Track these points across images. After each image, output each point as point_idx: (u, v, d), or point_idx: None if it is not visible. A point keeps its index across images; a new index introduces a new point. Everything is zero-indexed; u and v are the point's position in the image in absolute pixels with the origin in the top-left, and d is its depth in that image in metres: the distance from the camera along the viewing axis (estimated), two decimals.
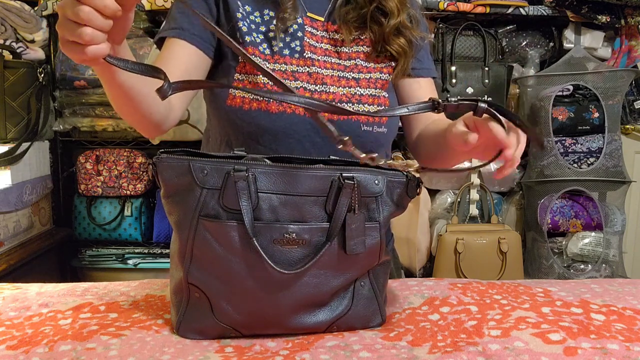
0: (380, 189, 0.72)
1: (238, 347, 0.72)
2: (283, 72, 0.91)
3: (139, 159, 2.05)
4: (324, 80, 0.92)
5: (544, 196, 2.07)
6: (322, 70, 0.93)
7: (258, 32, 0.91)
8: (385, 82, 0.97)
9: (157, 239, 2.10)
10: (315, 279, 0.72)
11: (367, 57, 0.96)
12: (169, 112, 0.87)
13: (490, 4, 2.02)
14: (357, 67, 0.96)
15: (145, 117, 0.82)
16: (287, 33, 0.92)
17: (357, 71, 0.95)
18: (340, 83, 0.93)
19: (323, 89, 0.92)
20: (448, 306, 0.84)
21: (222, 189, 0.68)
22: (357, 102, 0.93)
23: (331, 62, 0.95)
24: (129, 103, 0.78)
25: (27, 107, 1.93)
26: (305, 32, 0.94)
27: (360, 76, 0.95)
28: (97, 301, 0.88)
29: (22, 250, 1.82)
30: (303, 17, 0.94)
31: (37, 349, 0.71)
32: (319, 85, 0.92)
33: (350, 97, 0.93)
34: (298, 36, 0.93)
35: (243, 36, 0.91)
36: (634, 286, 0.93)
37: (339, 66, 0.95)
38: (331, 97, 0.92)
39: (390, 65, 0.97)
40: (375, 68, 0.97)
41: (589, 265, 2.09)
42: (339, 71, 0.94)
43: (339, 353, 0.70)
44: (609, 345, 0.69)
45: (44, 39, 2.02)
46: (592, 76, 2.08)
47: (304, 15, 0.95)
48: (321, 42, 0.95)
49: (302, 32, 0.93)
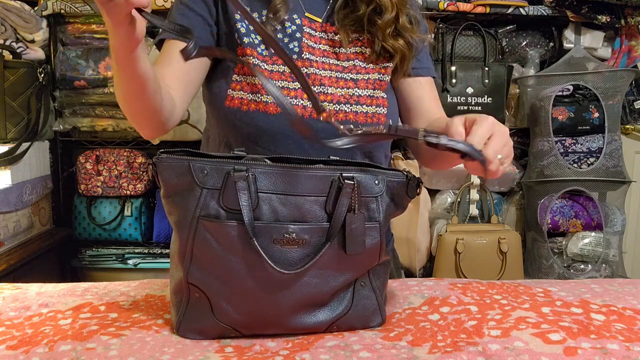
0: (380, 189, 0.72)
1: (238, 347, 0.72)
2: (281, 73, 0.91)
3: (139, 159, 2.05)
4: (322, 82, 0.92)
5: (544, 196, 2.07)
6: (320, 72, 0.93)
7: (257, 33, 0.91)
8: (383, 83, 0.96)
9: (157, 239, 2.10)
10: (315, 279, 0.72)
11: (365, 59, 0.96)
12: (173, 109, 0.88)
13: (490, 4, 2.02)
14: (355, 68, 0.95)
15: (155, 112, 0.82)
16: (285, 34, 0.92)
17: (355, 72, 0.95)
18: (338, 84, 0.93)
19: (321, 90, 0.92)
20: (448, 306, 0.84)
21: (222, 189, 0.68)
22: (355, 103, 0.93)
23: (329, 63, 0.94)
24: (143, 96, 0.78)
25: (27, 107, 1.93)
26: (304, 33, 0.93)
27: (359, 77, 0.95)
28: (97, 301, 0.88)
29: (22, 250, 1.82)
30: (302, 18, 0.94)
31: (37, 349, 0.71)
32: (316, 86, 0.92)
33: (348, 98, 0.93)
34: (296, 37, 0.93)
35: (241, 37, 0.91)
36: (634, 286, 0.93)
37: (337, 67, 0.95)
38: (329, 98, 0.92)
39: (389, 66, 0.97)
40: (374, 69, 0.96)
41: (589, 265, 2.09)
42: (337, 72, 0.94)
43: (339, 353, 0.70)
44: (609, 345, 0.69)
45: (44, 39, 2.02)
46: (592, 76, 2.08)
47: (303, 16, 0.95)
48: (319, 43, 0.95)
49: (300, 33, 0.93)
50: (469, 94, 2.06)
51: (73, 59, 1.99)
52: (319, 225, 0.70)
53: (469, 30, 2.10)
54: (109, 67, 1.99)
